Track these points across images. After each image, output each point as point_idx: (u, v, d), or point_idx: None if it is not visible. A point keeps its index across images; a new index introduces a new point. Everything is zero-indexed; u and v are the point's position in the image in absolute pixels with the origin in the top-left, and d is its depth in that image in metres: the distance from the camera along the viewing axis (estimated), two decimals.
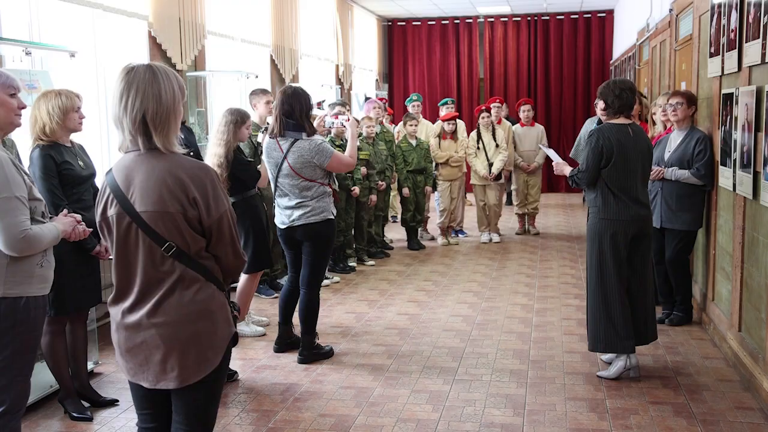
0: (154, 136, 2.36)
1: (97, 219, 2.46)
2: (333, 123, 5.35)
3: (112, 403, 4.30)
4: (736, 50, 4.61)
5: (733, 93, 4.70)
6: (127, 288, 2.44)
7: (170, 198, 2.35)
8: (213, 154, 5.05)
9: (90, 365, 4.61)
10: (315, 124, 5.05)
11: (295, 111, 4.71)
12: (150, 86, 2.34)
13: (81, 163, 4.11)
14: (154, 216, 2.35)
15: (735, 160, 4.66)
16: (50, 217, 3.20)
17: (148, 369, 2.46)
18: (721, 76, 5.08)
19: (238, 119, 5.09)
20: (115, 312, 2.49)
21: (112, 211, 2.40)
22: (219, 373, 2.53)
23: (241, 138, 5.16)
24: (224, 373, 2.60)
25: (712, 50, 5.27)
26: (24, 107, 3.09)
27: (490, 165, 9.07)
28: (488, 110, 9.29)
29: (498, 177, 9.16)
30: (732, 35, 4.72)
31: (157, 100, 2.35)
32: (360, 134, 7.74)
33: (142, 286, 2.41)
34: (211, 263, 2.48)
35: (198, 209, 2.38)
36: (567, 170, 4.74)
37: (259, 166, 5.33)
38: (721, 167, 5.09)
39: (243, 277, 5.29)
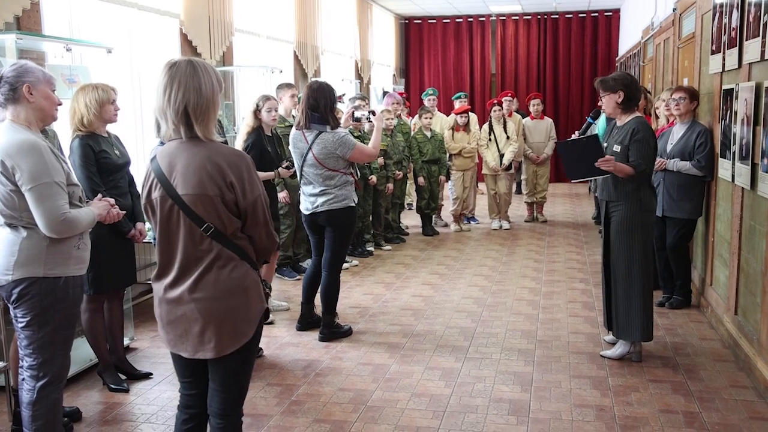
0: (195, 126, 2.39)
1: (143, 201, 2.50)
2: (362, 116, 5.35)
3: (147, 375, 4.35)
4: (737, 48, 4.55)
5: (733, 89, 4.64)
6: (168, 265, 2.49)
7: (209, 182, 2.38)
8: (241, 140, 5.23)
9: (126, 341, 4.68)
10: (344, 117, 5.07)
11: (320, 105, 4.72)
12: (191, 79, 2.37)
13: (117, 152, 4.13)
14: (194, 198, 2.39)
15: (734, 153, 4.61)
16: (87, 202, 3.23)
17: (188, 340, 2.50)
18: (722, 73, 5.02)
19: (257, 105, 5.27)
20: (158, 287, 2.53)
21: (156, 194, 2.44)
22: (252, 344, 2.56)
23: (264, 120, 5.26)
24: (257, 345, 2.63)
25: (714, 48, 5.21)
26: (60, 104, 3.13)
27: (501, 156, 9.04)
28: (500, 104, 9.23)
29: (508, 167, 9.12)
30: (733, 33, 4.65)
31: (197, 92, 2.37)
32: None
33: (182, 264, 2.45)
34: (245, 243, 2.51)
35: (234, 192, 2.41)
36: (627, 168, 4.23)
37: (280, 169, 5.36)
38: (720, 159, 5.04)
39: None
